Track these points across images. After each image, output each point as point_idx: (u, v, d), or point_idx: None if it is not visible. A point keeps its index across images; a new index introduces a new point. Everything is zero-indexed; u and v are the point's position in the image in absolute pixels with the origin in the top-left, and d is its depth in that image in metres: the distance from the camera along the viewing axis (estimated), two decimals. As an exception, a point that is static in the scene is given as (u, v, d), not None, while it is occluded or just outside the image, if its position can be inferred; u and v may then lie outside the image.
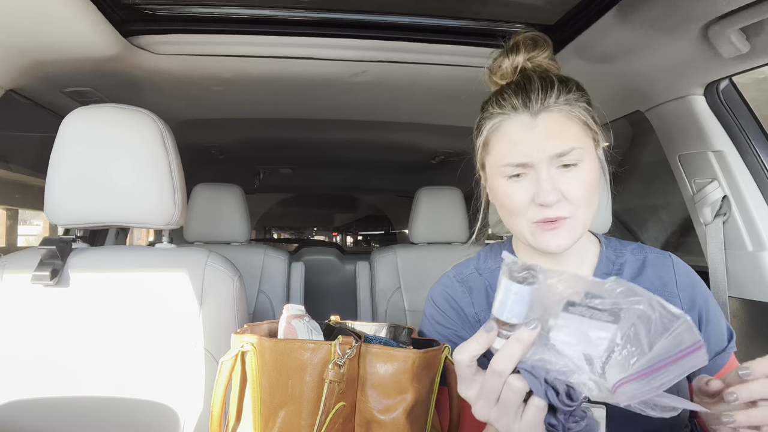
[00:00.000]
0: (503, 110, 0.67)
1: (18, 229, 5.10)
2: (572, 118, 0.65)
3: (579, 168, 0.65)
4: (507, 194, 0.67)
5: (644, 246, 0.78)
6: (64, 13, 0.88)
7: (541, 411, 0.48)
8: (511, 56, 0.73)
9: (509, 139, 0.66)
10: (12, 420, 0.92)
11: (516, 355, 0.48)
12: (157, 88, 1.34)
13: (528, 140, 0.64)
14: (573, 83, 0.68)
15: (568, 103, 0.65)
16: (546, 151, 0.63)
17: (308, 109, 1.66)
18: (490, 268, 0.80)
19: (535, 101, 0.65)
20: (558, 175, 0.64)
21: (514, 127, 0.66)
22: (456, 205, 1.89)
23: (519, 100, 0.66)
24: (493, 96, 0.70)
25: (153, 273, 1.00)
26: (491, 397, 0.49)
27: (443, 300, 0.79)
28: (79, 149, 0.98)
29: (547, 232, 0.65)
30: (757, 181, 1.09)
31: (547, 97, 0.65)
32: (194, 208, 1.81)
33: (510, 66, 0.72)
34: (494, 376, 0.49)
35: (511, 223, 0.70)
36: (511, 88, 0.68)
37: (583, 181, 0.65)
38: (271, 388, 0.64)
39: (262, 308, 1.77)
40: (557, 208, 0.64)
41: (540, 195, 0.63)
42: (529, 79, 0.67)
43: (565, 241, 0.65)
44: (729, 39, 0.85)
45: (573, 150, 0.63)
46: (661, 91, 1.16)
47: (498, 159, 0.67)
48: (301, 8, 1.10)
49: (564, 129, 0.65)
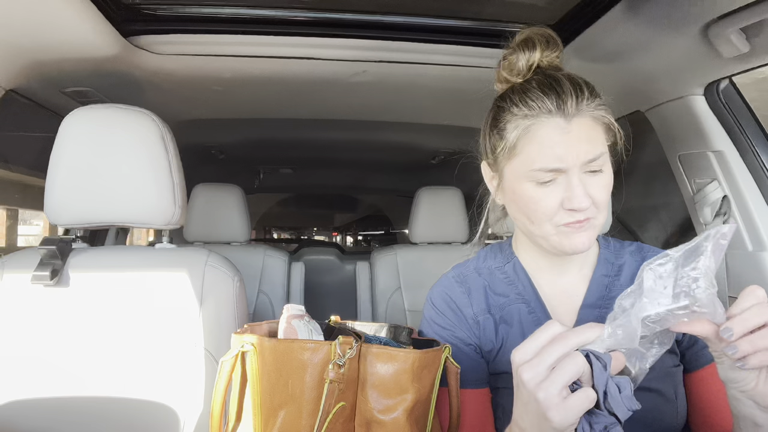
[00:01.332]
0: (534, 111, 0.64)
1: (18, 229, 5.10)
2: (599, 124, 0.65)
3: (604, 173, 0.65)
4: (535, 200, 0.66)
5: (643, 246, 0.78)
6: (64, 13, 0.88)
7: (587, 402, 0.46)
8: (526, 52, 0.70)
9: (542, 143, 0.64)
10: (12, 420, 0.92)
11: (587, 336, 0.48)
12: (157, 88, 1.34)
13: (562, 144, 0.63)
14: (593, 87, 0.67)
15: (597, 109, 0.65)
16: (579, 157, 0.62)
17: (308, 109, 1.66)
18: (489, 269, 0.79)
19: (570, 105, 0.63)
20: (586, 180, 0.64)
21: (548, 130, 0.63)
22: (456, 205, 1.89)
23: (552, 102, 0.63)
24: (514, 95, 0.67)
25: (153, 273, 1.00)
26: (547, 360, 0.48)
27: (442, 301, 0.78)
28: (79, 149, 0.98)
29: (576, 233, 0.65)
30: (757, 181, 1.09)
31: (580, 101, 0.63)
32: (194, 208, 1.81)
33: (525, 63, 0.70)
34: (560, 341, 0.48)
35: (533, 227, 0.68)
36: (538, 88, 0.65)
37: (606, 185, 0.65)
38: (271, 388, 0.64)
39: (262, 308, 1.77)
40: (586, 212, 0.64)
41: (574, 201, 0.63)
42: (557, 80, 0.65)
43: (589, 241, 0.66)
44: (729, 39, 0.85)
45: (602, 155, 0.64)
46: (661, 91, 1.16)
47: (528, 163, 0.65)
48: (301, 8, 1.10)
49: (594, 134, 0.64)
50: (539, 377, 0.48)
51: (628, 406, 0.46)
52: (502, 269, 0.79)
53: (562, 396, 0.46)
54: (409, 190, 2.28)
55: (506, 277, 0.78)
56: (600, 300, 0.73)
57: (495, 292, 0.77)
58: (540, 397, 0.47)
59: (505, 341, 0.73)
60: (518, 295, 0.75)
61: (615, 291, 0.73)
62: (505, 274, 0.78)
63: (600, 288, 0.73)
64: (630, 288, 0.50)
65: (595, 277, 0.74)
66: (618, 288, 0.73)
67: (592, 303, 0.73)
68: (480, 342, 0.75)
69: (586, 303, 0.73)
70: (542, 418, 0.47)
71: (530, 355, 0.50)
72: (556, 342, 0.49)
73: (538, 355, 0.49)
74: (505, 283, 0.77)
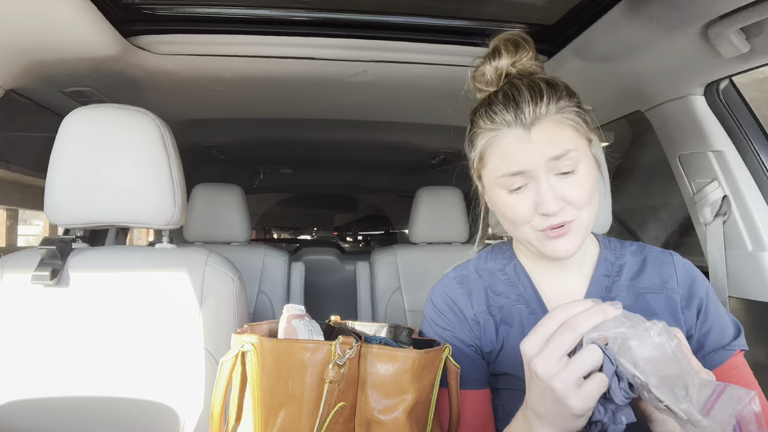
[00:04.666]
0: (495, 125, 0.66)
1: (18, 229, 5.10)
2: (564, 124, 0.65)
3: (577, 172, 0.64)
4: (509, 206, 0.67)
5: (645, 245, 0.78)
6: (64, 13, 0.88)
7: (601, 387, 0.47)
8: (493, 62, 0.71)
9: (504, 152, 0.65)
10: (12, 420, 0.92)
11: (594, 321, 0.48)
12: (157, 88, 1.34)
13: (522, 152, 0.64)
14: (561, 87, 0.66)
15: (560, 111, 0.64)
16: (543, 156, 0.63)
17: (308, 109, 1.67)
18: (490, 270, 0.79)
19: (527, 114, 0.63)
20: (557, 182, 0.64)
21: (509, 141, 0.65)
22: (456, 205, 1.89)
23: (510, 114, 0.64)
24: (482, 108, 0.69)
25: (153, 273, 1.00)
26: (559, 351, 0.49)
27: (442, 302, 0.78)
28: (79, 149, 0.98)
29: (556, 240, 0.65)
30: (757, 181, 1.09)
31: (538, 107, 0.63)
32: (194, 208, 1.81)
33: (493, 73, 0.71)
34: (569, 330, 0.49)
35: (516, 232, 0.69)
36: (499, 100, 0.66)
37: (582, 183, 0.64)
38: (271, 388, 0.64)
39: (262, 308, 1.77)
40: (561, 215, 0.64)
41: (542, 205, 0.63)
42: (518, 89, 0.65)
43: (573, 246, 0.66)
44: (729, 39, 0.85)
45: (569, 152, 0.63)
46: (661, 91, 1.16)
47: (494, 171, 0.67)
48: (301, 8, 1.10)
49: (558, 134, 0.64)
50: (554, 368, 0.49)
51: (625, 395, 0.48)
52: (503, 270, 0.79)
53: (578, 384, 0.48)
54: (409, 190, 2.28)
55: (507, 278, 0.77)
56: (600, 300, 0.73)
57: (495, 293, 0.76)
58: (557, 387, 0.48)
59: (506, 342, 0.73)
60: (519, 296, 0.75)
61: (615, 291, 0.73)
62: (505, 275, 0.78)
63: (600, 288, 0.73)
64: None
65: (596, 277, 0.74)
66: (618, 288, 0.73)
67: None
68: (480, 343, 0.75)
69: None
70: (561, 406, 0.48)
71: (540, 345, 0.50)
72: (565, 331, 0.49)
73: (548, 346, 0.49)
74: (506, 284, 0.77)
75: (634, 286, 0.73)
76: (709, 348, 0.70)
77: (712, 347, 0.70)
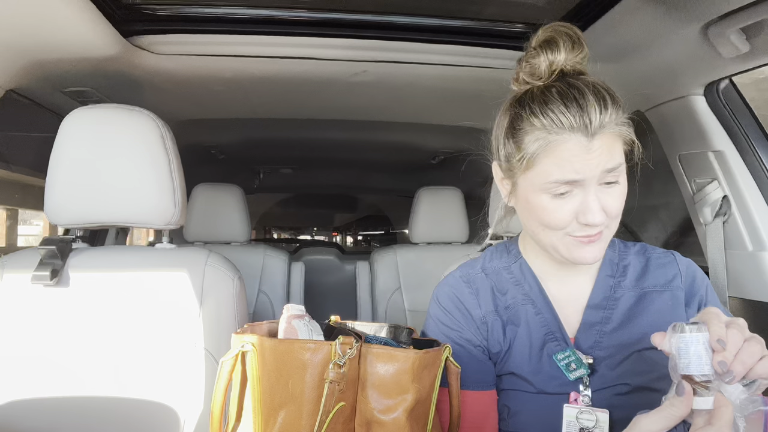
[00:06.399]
0: (554, 126, 0.61)
1: (18, 229, 5.10)
2: (618, 136, 0.63)
3: (619, 183, 0.64)
4: (548, 211, 0.65)
5: (647, 246, 0.78)
6: (64, 13, 0.88)
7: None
8: (548, 54, 0.65)
9: (561, 157, 0.62)
10: (12, 420, 0.92)
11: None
12: (157, 88, 1.34)
13: (582, 161, 0.61)
14: (617, 97, 0.64)
15: (618, 124, 0.62)
16: (599, 167, 0.61)
17: (308, 109, 1.66)
18: (496, 269, 0.79)
19: (593, 121, 0.60)
20: (601, 193, 0.63)
21: (569, 147, 0.61)
22: (456, 205, 1.89)
23: (575, 118, 0.60)
24: (533, 103, 0.64)
25: (153, 273, 1.00)
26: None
27: (449, 301, 0.78)
28: (79, 149, 0.98)
29: (586, 246, 0.65)
30: (757, 181, 1.09)
31: (603, 115, 0.60)
32: (194, 208, 1.81)
33: (547, 67, 0.65)
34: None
35: (543, 235, 0.68)
36: (560, 99, 0.62)
37: (621, 194, 0.65)
38: (271, 388, 0.64)
39: (262, 308, 1.77)
40: (599, 226, 0.64)
41: (588, 215, 0.62)
42: (580, 92, 0.61)
43: (600, 253, 0.66)
44: (729, 39, 0.85)
45: (620, 165, 0.63)
46: (661, 91, 1.16)
47: (544, 176, 0.63)
48: (301, 8, 1.10)
49: (614, 147, 0.62)
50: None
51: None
52: (509, 269, 0.78)
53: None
54: (409, 190, 2.28)
55: (513, 277, 0.77)
56: (604, 301, 0.73)
57: (502, 293, 0.76)
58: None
59: (513, 342, 0.73)
60: (525, 296, 0.75)
61: (619, 292, 0.73)
62: (511, 275, 0.77)
63: (605, 289, 0.73)
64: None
65: (600, 277, 0.74)
66: (623, 288, 0.73)
67: (597, 304, 0.73)
68: (488, 343, 0.74)
69: (590, 304, 0.73)
70: None
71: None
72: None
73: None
74: (512, 284, 0.76)
75: (638, 286, 0.73)
76: None
77: None
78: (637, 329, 0.70)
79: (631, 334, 0.70)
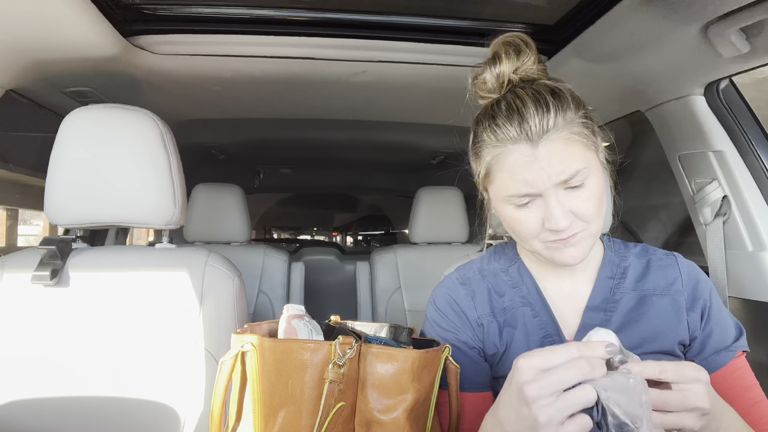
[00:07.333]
0: (500, 141, 0.62)
1: (18, 229, 5.10)
2: (572, 140, 0.61)
3: (586, 186, 0.63)
4: (516, 221, 0.65)
5: (648, 247, 0.77)
6: (64, 13, 0.88)
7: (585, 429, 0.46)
8: (494, 68, 0.67)
9: (511, 170, 0.63)
10: (12, 420, 0.92)
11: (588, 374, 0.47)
12: (157, 88, 1.34)
13: (530, 170, 0.61)
14: (566, 95, 0.63)
15: (567, 125, 0.61)
16: (551, 179, 0.61)
17: (308, 109, 1.67)
18: (493, 270, 0.79)
19: (533, 128, 0.60)
20: (566, 197, 0.62)
21: (515, 158, 0.62)
22: (456, 205, 1.89)
23: (515, 129, 0.61)
24: (485, 119, 0.65)
25: (153, 273, 1.00)
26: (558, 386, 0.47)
27: (445, 303, 0.78)
28: (79, 149, 0.98)
29: (564, 249, 0.65)
30: (757, 181, 1.09)
31: (545, 121, 0.60)
32: (194, 208, 1.81)
33: (495, 80, 0.67)
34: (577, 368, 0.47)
35: (523, 242, 0.68)
36: (502, 112, 0.63)
37: (591, 196, 0.63)
38: (271, 388, 0.64)
39: (262, 308, 1.77)
40: (570, 229, 0.63)
41: (551, 221, 0.62)
42: (522, 100, 0.62)
43: (582, 253, 0.65)
44: (729, 39, 0.85)
45: (578, 173, 0.61)
46: (661, 91, 1.16)
47: (502, 189, 0.65)
48: (301, 8, 1.10)
49: (567, 152, 0.61)
50: (545, 400, 0.47)
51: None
52: (507, 271, 0.78)
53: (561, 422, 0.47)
54: (409, 190, 2.28)
55: (510, 279, 0.77)
56: (604, 303, 0.72)
57: (499, 295, 0.76)
58: (542, 419, 0.46)
59: (510, 345, 0.72)
60: (522, 298, 0.74)
61: (619, 293, 0.72)
62: (509, 277, 0.77)
63: (604, 290, 0.73)
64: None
65: (600, 279, 0.73)
66: (623, 290, 0.72)
67: (596, 306, 0.72)
68: (484, 345, 0.74)
69: (590, 305, 0.72)
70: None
71: (536, 371, 0.48)
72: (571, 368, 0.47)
73: (548, 378, 0.47)
74: (510, 286, 0.76)
75: (638, 288, 0.72)
76: (710, 350, 0.70)
77: (713, 349, 0.70)
78: (637, 333, 0.69)
79: (631, 337, 0.69)
